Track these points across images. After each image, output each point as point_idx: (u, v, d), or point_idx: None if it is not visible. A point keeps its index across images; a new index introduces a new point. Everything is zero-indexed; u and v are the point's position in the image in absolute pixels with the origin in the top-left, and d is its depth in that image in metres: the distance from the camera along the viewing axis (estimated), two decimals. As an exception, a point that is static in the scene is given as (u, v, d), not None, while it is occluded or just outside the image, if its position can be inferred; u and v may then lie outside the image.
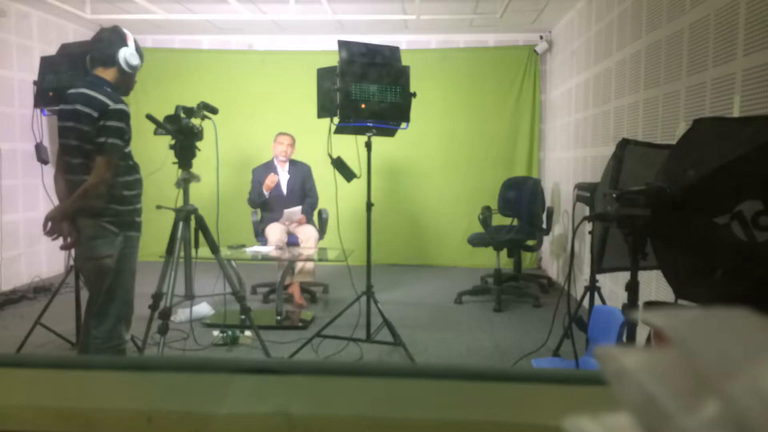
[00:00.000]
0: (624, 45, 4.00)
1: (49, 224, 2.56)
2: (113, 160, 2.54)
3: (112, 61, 2.61)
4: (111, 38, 2.63)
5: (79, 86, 2.60)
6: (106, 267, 2.60)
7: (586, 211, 3.52)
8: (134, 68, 2.67)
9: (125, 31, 2.69)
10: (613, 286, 4.12)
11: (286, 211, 4.80)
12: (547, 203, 5.75)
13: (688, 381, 0.26)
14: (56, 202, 2.67)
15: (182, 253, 3.05)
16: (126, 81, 2.69)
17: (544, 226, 5.27)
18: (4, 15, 5.30)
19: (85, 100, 2.53)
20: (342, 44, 3.44)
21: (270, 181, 4.89)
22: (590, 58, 4.83)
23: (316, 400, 0.50)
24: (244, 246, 4.55)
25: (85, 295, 3.25)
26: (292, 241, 4.87)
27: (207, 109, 3.16)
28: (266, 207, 5.02)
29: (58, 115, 2.69)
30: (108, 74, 2.63)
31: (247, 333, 3.84)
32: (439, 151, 6.57)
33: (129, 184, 2.66)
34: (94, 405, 0.49)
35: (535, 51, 6.43)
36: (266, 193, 4.91)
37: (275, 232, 4.78)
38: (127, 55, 2.62)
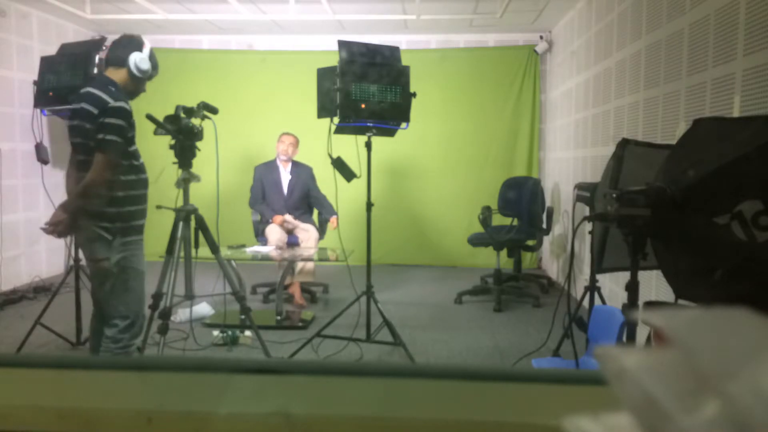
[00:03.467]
0: (624, 45, 4.00)
1: (54, 218, 2.59)
2: (111, 157, 2.54)
3: (122, 62, 2.67)
4: (127, 42, 2.72)
5: (88, 86, 2.65)
6: (103, 270, 2.60)
7: (586, 211, 3.52)
8: (143, 73, 2.71)
9: (145, 39, 2.76)
10: (613, 286, 4.12)
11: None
12: (547, 203, 5.75)
13: (688, 381, 0.26)
14: (56, 202, 2.70)
15: (182, 253, 3.05)
16: (134, 84, 2.74)
17: (544, 226, 5.27)
18: (4, 15, 5.29)
19: (88, 98, 2.57)
20: (342, 44, 3.44)
21: (277, 222, 4.88)
22: (590, 58, 4.83)
23: (316, 400, 0.50)
24: (244, 246, 4.55)
25: (84, 294, 3.26)
26: (292, 241, 4.87)
27: (207, 109, 3.16)
28: (267, 207, 5.02)
29: (70, 114, 2.75)
30: (116, 75, 2.68)
31: (247, 333, 3.84)
32: (439, 151, 6.57)
33: (131, 184, 2.66)
34: (94, 405, 0.49)
35: (535, 51, 6.43)
36: (269, 214, 4.92)
37: (275, 232, 4.78)
38: (137, 59, 2.68)
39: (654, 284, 3.30)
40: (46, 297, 4.62)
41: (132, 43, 2.72)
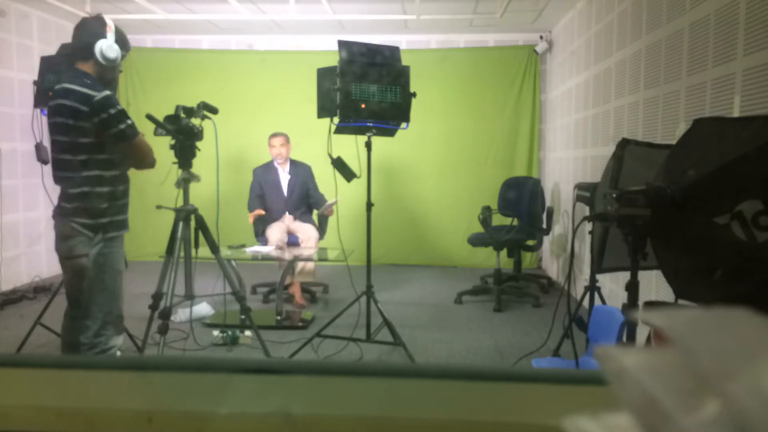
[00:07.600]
0: (624, 45, 4.00)
1: None
2: (136, 140, 2.54)
3: (89, 54, 2.49)
4: (90, 29, 2.51)
5: (63, 81, 2.50)
6: (80, 267, 2.50)
7: (586, 211, 3.52)
8: (111, 61, 2.51)
9: (107, 20, 2.54)
10: (613, 286, 4.12)
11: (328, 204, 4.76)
12: (547, 203, 5.75)
13: (688, 381, 0.26)
14: (56, 202, 2.62)
15: (182, 253, 3.05)
16: (106, 74, 2.54)
17: (544, 226, 5.27)
18: (4, 15, 5.29)
19: (66, 94, 2.43)
20: (342, 44, 3.44)
21: (256, 214, 4.88)
22: (590, 58, 4.83)
23: (316, 400, 0.50)
24: (244, 246, 4.55)
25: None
26: (292, 241, 4.87)
27: (207, 109, 3.16)
28: (267, 207, 5.02)
29: (47, 112, 2.58)
30: (87, 67, 2.51)
31: (247, 333, 3.84)
32: (439, 151, 6.57)
33: (107, 180, 2.55)
34: (94, 405, 0.49)
35: (535, 51, 6.43)
36: (256, 214, 4.90)
37: (275, 232, 4.78)
38: (103, 47, 2.48)
39: (654, 284, 3.30)
40: (46, 297, 4.62)
41: (94, 29, 2.49)
